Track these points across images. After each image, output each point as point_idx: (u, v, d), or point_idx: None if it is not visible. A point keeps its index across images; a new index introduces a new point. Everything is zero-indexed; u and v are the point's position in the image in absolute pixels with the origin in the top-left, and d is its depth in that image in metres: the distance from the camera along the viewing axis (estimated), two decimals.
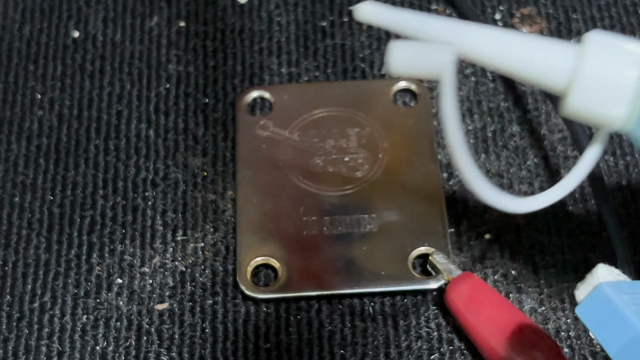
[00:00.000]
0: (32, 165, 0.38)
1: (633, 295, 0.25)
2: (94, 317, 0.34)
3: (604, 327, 0.24)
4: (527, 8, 0.42)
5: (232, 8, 0.42)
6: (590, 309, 0.24)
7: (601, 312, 0.24)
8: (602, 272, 0.26)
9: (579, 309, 0.25)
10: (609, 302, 0.24)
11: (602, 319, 0.24)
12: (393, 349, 0.33)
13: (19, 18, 0.42)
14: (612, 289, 0.24)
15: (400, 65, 0.25)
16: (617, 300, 0.24)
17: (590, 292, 0.24)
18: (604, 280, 0.25)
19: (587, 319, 0.24)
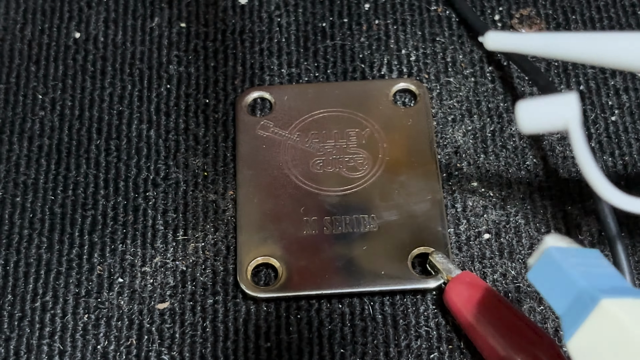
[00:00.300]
0: (33, 165, 0.38)
1: (580, 258, 0.26)
2: (95, 316, 0.34)
3: (552, 289, 0.25)
4: (526, 9, 0.42)
5: (232, 9, 0.42)
6: (540, 273, 0.25)
7: (549, 274, 0.25)
8: (551, 240, 0.26)
9: (530, 274, 0.25)
10: (556, 264, 0.25)
11: (551, 281, 0.25)
12: (393, 348, 0.34)
13: (20, 19, 0.42)
14: (559, 252, 0.25)
15: (529, 125, 0.26)
16: (562, 262, 0.25)
17: (539, 256, 0.25)
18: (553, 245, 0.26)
19: (537, 283, 0.25)
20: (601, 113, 0.39)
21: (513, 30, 0.41)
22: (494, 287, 0.35)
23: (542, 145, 0.38)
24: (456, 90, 0.40)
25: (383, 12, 0.42)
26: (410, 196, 0.36)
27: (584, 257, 0.26)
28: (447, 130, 0.39)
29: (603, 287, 0.24)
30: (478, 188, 0.37)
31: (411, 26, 0.42)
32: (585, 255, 0.26)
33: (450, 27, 0.41)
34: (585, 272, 0.25)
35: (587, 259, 0.26)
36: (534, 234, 0.36)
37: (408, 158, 0.37)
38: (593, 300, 0.24)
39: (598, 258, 0.27)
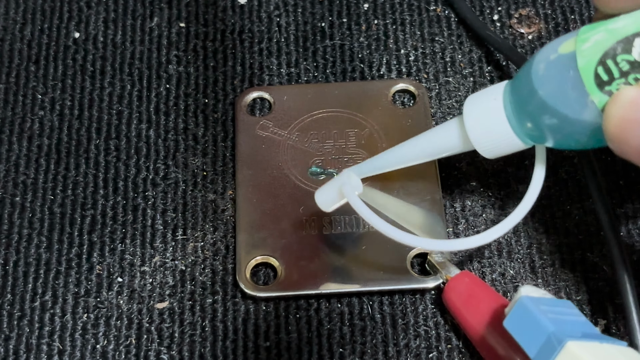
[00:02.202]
0: (33, 165, 0.38)
1: (551, 307, 0.28)
2: (94, 315, 0.34)
3: (525, 334, 0.28)
4: (525, 9, 0.42)
5: (232, 9, 0.42)
6: (515, 320, 0.28)
7: (523, 321, 0.28)
8: (525, 290, 0.29)
9: (506, 321, 0.28)
10: (528, 312, 0.28)
11: (524, 327, 0.28)
12: (392, 347, 0.34)
13: (20, 19, 0.42)
14: (531, 301, 0.28)
15: (324, 205, 0.34)
16: (533, 309, 0.28)
17: (514, 305, 0.28)
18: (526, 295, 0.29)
19: (512, 330, 0.28)
20: None
21: (512, 30, 0.41)
22: (492, 286, 0.35)
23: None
24: (455, 90, 0.40)
25: (382, 12, 0.42)
26: (409, 196, 0.36)
27: (556, 306, 0.29)
28: None
29: (571, 332, 0.27)
30: (477, 187, 0.37)
31: (410, 26, 0.42)
32: (556, 305, 0.29)
33: (449, 27, 0.42)
34: (554, 319, 0.28)
35: (558, 307, 0.29)
36: (533, 233, 0.36)
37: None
38: (560, 342, 0.26)
39: (569, 307, 0.30)
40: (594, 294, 0.35)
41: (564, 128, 0.28)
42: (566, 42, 0.28)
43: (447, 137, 0.32)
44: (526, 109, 0.29)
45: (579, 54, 0.27)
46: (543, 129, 0.29)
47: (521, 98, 0.29)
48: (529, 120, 0.29)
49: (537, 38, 0.41)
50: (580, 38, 0.27)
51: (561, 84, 0.27)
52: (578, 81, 0.27)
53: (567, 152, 0.38)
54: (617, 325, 0.34)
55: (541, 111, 0.28)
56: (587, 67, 0.27)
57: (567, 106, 0.28)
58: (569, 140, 0.29)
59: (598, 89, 0.27)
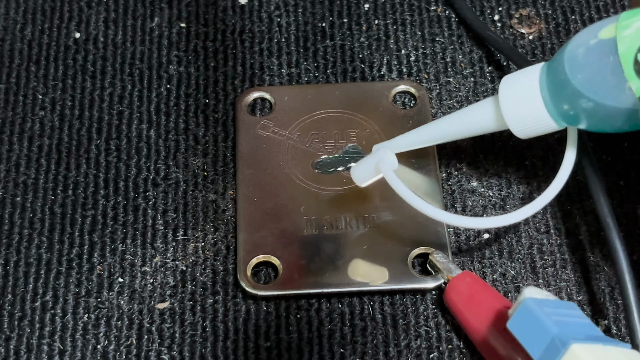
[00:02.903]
0: (33, 165, 0.38)
1: (555, 309, 0.28)
2: (95, 316, 0.34)
3: (529, 336, 0.28)
4: (525, 9, 0.42)
5: (232, 9, 0.42)
6: (519, 322, 0.28)
7: (527, 323, 0.28)
8: (529, 292, 0.29)
9: (510, 323, 0.28)
10: (532, 314, 0.28)
11: (528, 329, 0.28)
12: (392, 347, 0.34)
13: (20, 19, 0.42)
14: (535, 303, 0.28)
15: (360, 179, 0.35)
16: (537, 311, 0.28)
17: (518, 306, 0.28)
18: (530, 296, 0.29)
19: (516, 332, 0.28)
20: None
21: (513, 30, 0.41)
22: (493, 286, 0.35)
23: (541, 145, 0.38)
24: (456, 90, 0.40)
25: (383, 12, 0.42)
26: None
27: (560, 308, 0.29)
28: None
29: (575, 334, 0.27)
30: (477, 188, 0.37)
31: (411, 26, 0.42)
32: (560, 306, 0.29)
33: (449, 27, 0.42)
34: (559, 321, 0.28)
35: (562, 309, 0.29)
36: (534, 233, 0.36)
37: (408, 158, 0.37)
38: (564, 345, 0.26)
39: (573, 309, 0.30)
40: (595, 294, 0.35)
41: (599, 112, 0.29)
42: (606, 28, 0.28)
43: (482, 116, 0.33)
44: (563, 92, 0.29)
45: (619, 40, 0.27)
46: (578, 112, 0.29)
47: (558, 81, 0.29)
48: (565, 103, 0.30)
49: (538, 38, 0.41)
50: (621, 24, 0.27)
51: (600, 69, 0.28)
52: (617, 67, 0.27)
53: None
54: (618, 326, 0.34)
55: (578, 95, 0.29)
56: (627, 54, 0.27)
57: (604, 91, 0.28)
58: (604, 123, 0.29)
59: (637, 75, 0.27)
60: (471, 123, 0.34)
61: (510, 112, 0.32)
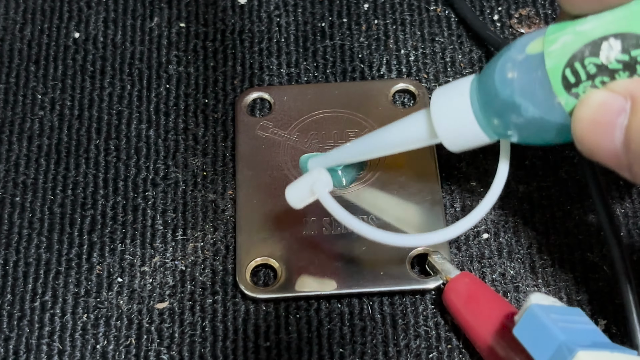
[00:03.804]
0: (33, 165, 0.38)
1: (562, 315, 0.28)
2: (94, 316, 0.34)
3: (536, 343, 0.27)
4: (525, 9, 0.42)
5: (232, 9, 0.42)
6: (525, 328, 0.28)
7: (533, 329, 0.28)
8: (535, 298, 0.29)
9: (516, 329, 0.28)
10: (538, 320, 0.27)
11: (534, 336, 0.27)
12: (392, 347, 0.34)
13: (20, 19, 0.42)
14: (541, 309, 0.28)
15: (295, 202, 0.34)
16: (544, 318, 0.27)
17: (524, 313, 0.28)
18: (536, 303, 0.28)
19: (522, 338, 0.28)
20: None
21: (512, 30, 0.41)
22: (492, 287, 0.35)
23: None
24: None
25: (382, 12, 0.42)
26: (409, 196, 0.36)
27: (566, 314, 0.29)
28: None
29: (581, 341, 0.27)
30: (477, 188, 0.37)
31: (410, 26, 0.42)
32: (567, 313, 0.29)
33: (449, 27, 0.42)
34: (565, 328, 0.27)
35: (568, 315, 0.29)
36: (533, 233, 0.36)
37: (407, 158, 0.37)
38: (571, 352, 0.26)
39: (579, 315, 0.29)
40: (594, 294, 0.35)
41: (530, 126, 0.28)
42: (533, 42, 0.28)
43: (414, 129, 0.32)
44: (493, 105, 0.29)
45: (547, 55, 0.27)
46: (509, 126, 0.29)
47: (488, 95, 0.29)
48: (495, 117, 0.29)
49: None
50: (548, 39, 0.27)
51: (528, 84, 0.28)
52: (545, 82, 0.27)
53: (567, 152, 0.38)
54: (618, 326, 0.34)
55: (508, 109, 0.29)
56: (554, 69, 0.27)
57: (533, 106, 0.28)
58: (535, 137, 0.29)
59: (565, 90, 0.27)
60: (404, 137, 0.33)
61: (441, 125, 0.31)
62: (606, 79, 0.26)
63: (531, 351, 0.27)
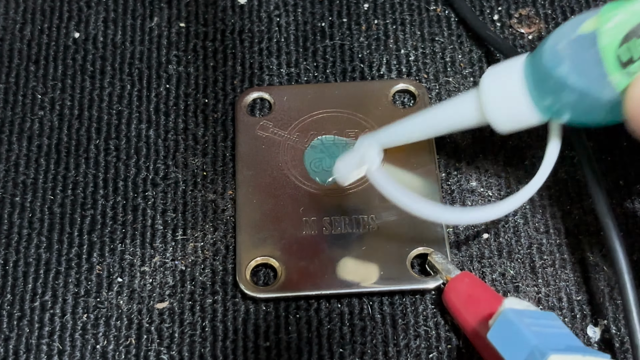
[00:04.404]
0: (32, 165, 0.38)
1: (535, 319, 0.28)
2: (94, 316, 0.34)
3: (509, 347, 0.28)
4: (525, 9, 0.42)
5: (232, 9, 0.42)
6: (499, 332, 0.28)
7: (506, 334, 0.28)
8: (509, 302, 0.29)
9: (490, 334, 0.28)
10: (511, 324, 0.28)
11: (507, 340, 0.28)
12: (392, 347, 0.34)
13: (19, 19, 0.42)
14: (515, 314, 0.28)
15: (343, 177, 0.35)
16: (517, 322, 0.28)
17: (498, 317, 0.28)
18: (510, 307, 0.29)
19: (496, 342, 0.28)
20: None
21: (512, 30, 0.41)
22: (492, 287, 0.35)
23: (541, 145, 0.38)
24: (455, 90, 0.40)
25: (382, 12, 0.42)
26: None
27: (539, 319, 0.29)
28: None
29: (554, 345, 0.27)
30: (477, 188, 0.37)
31: (410, 26, 0.42)
32: (540, 317, 0.29)
33: (449, 27, 0.42)
34: (538, 332, 0.28)
35: (542, 320, 0.29)
36: (533, 233, 0.36)
37: (407, 158, 0.37)
38: (543, 355, 0.27)
39: (553, 319, 0.30)
40: (594, 294, 0.35)
41: (581, 105, 0.29)
42: (588, 21, 0.28)
43: (462, 110, 0.33)
44: (545, 84, 0.29)
45: (601, 33, 0.27)
46: (561, 105, 0.29)
47: (541, 73, 0.29)
48: (547, 95, 0.29)
49: (538, 38, 0.41)
50: (602, 18, 0.27)
51: (581, 62, 0.28)
52: (598, 60, 0.27)
53: (567, 152, 0.38)
54: (618, 326, 0.34)
55: (560, 87, 0.29)
56: (608, 47, 0.27)
57: (586, 84, 0.28)
58: (585, 116, 0.29)
59: (618, 69, 0.27)
60: (452, 117, 0.33)
61: (492, 104, 0.31)
62: None
63: (505, 355, 0.28)
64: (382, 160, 0.37)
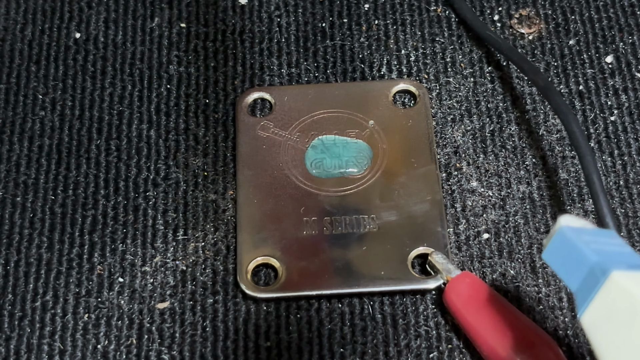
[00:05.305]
0: (34, 165, 0.38)
1: (594, 237, 0.26)
2: (95, 316, 0.35)
3: (566, 267, 0.25)
4: (525, 9, 0.42)
5: (232, 9, 0.42)
6: (554, 252, 0.26)
7: (563, 252, 0.26)
8: (565, 220, 0.26)
9: (545, 254, 0.26)
10: (569, 242, 0.25)
11: (564, 259, 0.25)
12: (392, 347, 0.34)
13: (20, 19, 0.42)
14: (572, 231, 0.26)
15: None
16: (575, 240, 0.25)
17: (553, 235, 0.26)
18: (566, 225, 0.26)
19: (552, 262, 0.26)
20: (600, 113, 0.39)
21: (512, 30, 0.41)
22: (493, 287, 0.35)
23: (541, 145, 0.38)
24: (456, 90, 0.40)
25: (383, 13, 0.42)
26: (409, 196, 0.36)
27: (598, 236, 0.26)
28: (447, 130, 0.39)
29: (616, 262, 0.25)
30: (477, 188, 0.37)
31: (411, 26, 0.42)
32: (599, 235, 0.27)
33: (449, 27, 0.42)
34: (598, 249, 0.25)
35: (601, 237, 0.26)
36: (534, 233, 0.36)
37: (408, 158, 0.37)
38: (604, 273, 0.24)
39: (613, 237, 0.27)
40: None
41: None
42: None
43: None
44: None
45: None
46: None
47: None
48: None
49: (538, 38, 0.41)
50: None
51: None
52: None
53: (567, 152, 0.38)
54: None
55: None
56: None
57: None
58: None
59: None
60: None
61: None
62: None
63: (561, 275, 0.26)
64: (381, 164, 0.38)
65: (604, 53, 0.41)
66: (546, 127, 0.39)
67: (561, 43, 0.41)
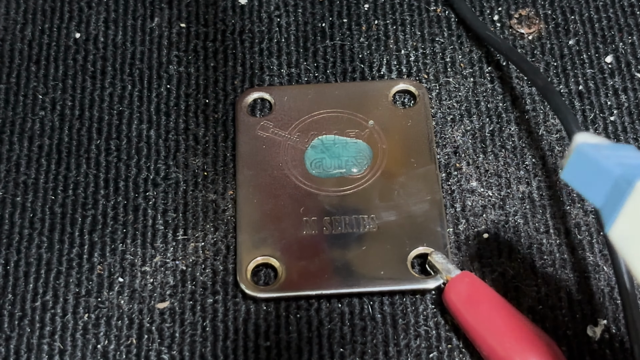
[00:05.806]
0: (33, 165, 0.38)
1: (613, 151, 0.25)
2: (95, 315, 0.35)
3: (588, 184, 0.25)
4: (525, 9, 0.42)
5: (232, 9, 0.42)
6: (574, 170, 0.25)
7: (583, 170, 0.25)
8: (582, 137, 0.26)
9: (564, 173, 0.25)
10: (589, 159, 0.25)
11: (585, 176, 0.25)
12: (392, 347, 0.34)
13: (20, 19, 0.42)
14: (591, 147, 0.25)
15: None
16: (595, 155, 0.24)
17: (571, 153, 0.25)
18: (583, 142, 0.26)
19: (572, 181, 0.25)
20: (600, 113, 0.39)
21: (512, 30, 0.41)
22: (493, 286, 0.35)
23: (541, 145, 0.38)
24: (455, 90, 0.40)
25: (382, 13, 0.42)
26: (409, 196, 0.36)
27: (618, 150, 0.26)
28: (447, 130, 0.39)
29: (639, 172, 0.24)
30: (477, 188, 0.37)
31: (410, 26, 0.42)
32: (618, 149, 0.26)
33: (449, 27, 0.42)
34: (619, 163, 0.24)
35: (620, 151, 0.26)
36: (533, 233, 0.36)
37: (407, 158, 0.37)
38: (630, 184, 0.23)
39: (632, 150, 0.26)
40: (594, 294, 0.35)
41: None
42: None
43: None
44: None
45: None
46: None
47: None
48: None
49: (537, 38, 0.41)
50: None
51: None
52: None
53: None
54: (617, 325, 0.34)
55: None
56: None
57: None
58: None
59: None
60: None
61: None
62: None
63: (584, 193, 0.25)
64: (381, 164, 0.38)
65: (603, 53, 0.41)
66: (546, 127, 0.39)
67: (561, 43, 0.41)
